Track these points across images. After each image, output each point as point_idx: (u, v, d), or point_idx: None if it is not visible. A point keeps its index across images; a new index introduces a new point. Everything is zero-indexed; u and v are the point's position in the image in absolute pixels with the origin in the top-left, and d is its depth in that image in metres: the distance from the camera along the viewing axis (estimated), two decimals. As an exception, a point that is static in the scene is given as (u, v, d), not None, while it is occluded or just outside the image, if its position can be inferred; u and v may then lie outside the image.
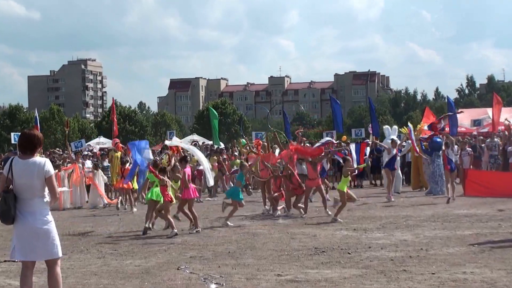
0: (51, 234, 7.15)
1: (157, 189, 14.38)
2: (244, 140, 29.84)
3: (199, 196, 21.09)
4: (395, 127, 24.22)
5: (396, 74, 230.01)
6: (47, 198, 7.20)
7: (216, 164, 25.39)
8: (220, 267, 9.98)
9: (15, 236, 7.15)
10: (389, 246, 11.34)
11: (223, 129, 78.50)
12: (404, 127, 25.04)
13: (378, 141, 25.90)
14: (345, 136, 30.76)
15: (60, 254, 7.26)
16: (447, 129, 30.11)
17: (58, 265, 7.27)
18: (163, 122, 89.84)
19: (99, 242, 13.25)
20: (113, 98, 31.24)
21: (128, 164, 20.54)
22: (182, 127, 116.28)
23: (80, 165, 23.17)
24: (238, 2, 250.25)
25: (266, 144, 19.98)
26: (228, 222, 15.27)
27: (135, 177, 18.86)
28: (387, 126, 24.20)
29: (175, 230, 13.75)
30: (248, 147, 22.99)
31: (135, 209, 20.03)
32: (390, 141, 21.81)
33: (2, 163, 23.83)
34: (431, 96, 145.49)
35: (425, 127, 24.17)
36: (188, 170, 15.04)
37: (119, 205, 21.14)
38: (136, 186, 19.91)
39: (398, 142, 22.20)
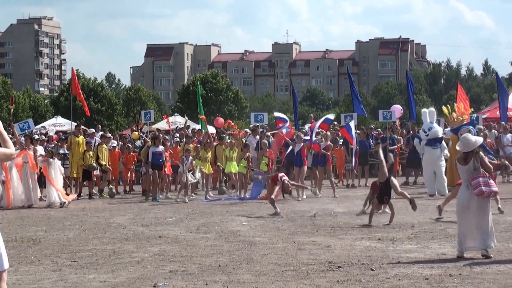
0: (-5, 240, 7.13)
1: None
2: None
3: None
4: (432, 109, 24.13)
5: (434, 42, 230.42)
6: None
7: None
8: (208, 284, 10.00)
9: None
10: (423, 262, 11.36)
11: (214, 110, 78.42)
12: (448, 105, 25.17)
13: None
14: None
15: (6, 266, 7.24)
16: (497, 113, 30.08)
17: (4, 280, 7.24)
18: (137, 99, 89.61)
19: (54, 251, 13.25)
20: (72, 68, 31.15)
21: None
22: (161, 105, 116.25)
23: (32, 152, 23.13)
24: None
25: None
26: None
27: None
28: (425, 109, 24.11)
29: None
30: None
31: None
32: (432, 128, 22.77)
33: None
34: (478, 70, 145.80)
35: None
36: None
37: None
38: None
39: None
